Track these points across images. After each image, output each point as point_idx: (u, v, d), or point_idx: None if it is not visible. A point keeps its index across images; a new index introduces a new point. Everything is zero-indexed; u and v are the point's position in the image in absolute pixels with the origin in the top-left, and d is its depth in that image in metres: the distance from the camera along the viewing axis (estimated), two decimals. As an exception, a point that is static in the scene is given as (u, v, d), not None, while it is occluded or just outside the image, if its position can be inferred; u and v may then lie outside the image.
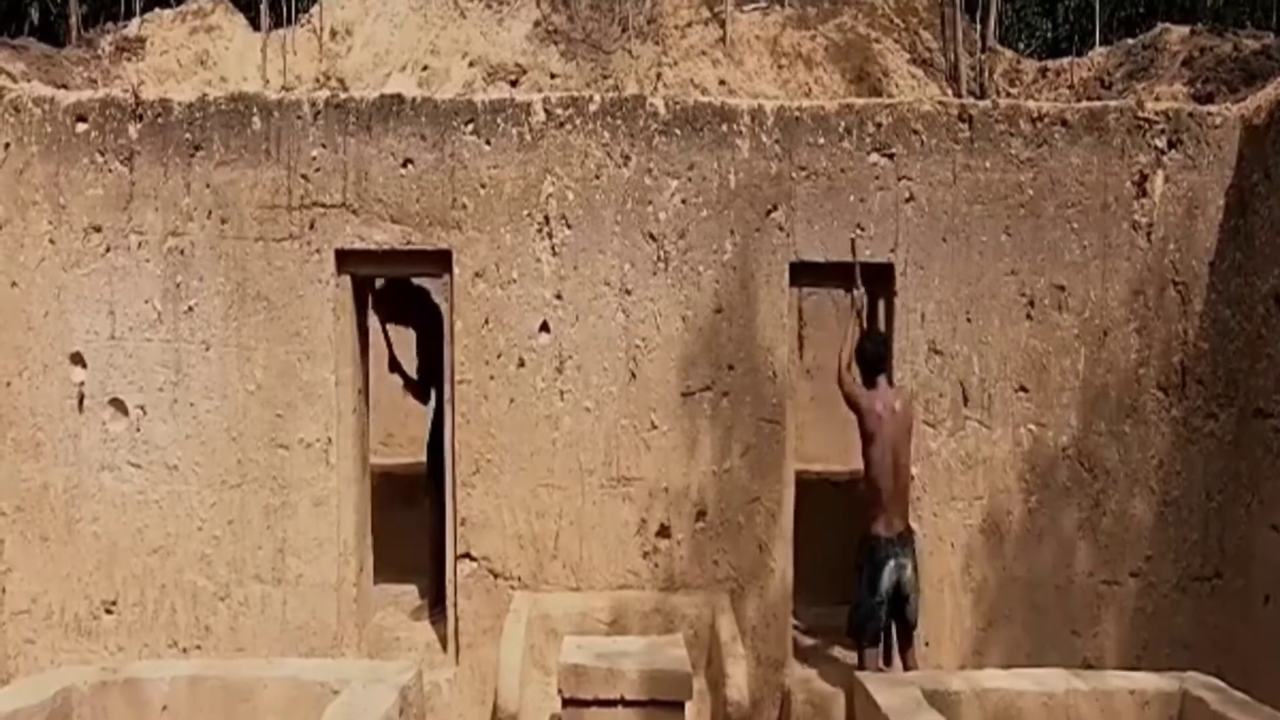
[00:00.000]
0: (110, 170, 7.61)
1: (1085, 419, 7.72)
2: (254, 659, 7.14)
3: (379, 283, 8.57)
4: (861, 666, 7.12)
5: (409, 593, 8.84)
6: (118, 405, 7.62)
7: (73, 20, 11.64)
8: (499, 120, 7.66)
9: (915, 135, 7.69)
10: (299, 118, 7.64)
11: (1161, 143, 7.72)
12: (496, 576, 7.69)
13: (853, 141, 7.69)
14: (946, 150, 7.70)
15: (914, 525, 7.43)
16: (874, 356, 7.39)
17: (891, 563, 7.11)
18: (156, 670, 5.92)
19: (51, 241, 7.61)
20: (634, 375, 7.68)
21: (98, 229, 7.61)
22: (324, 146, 7.62)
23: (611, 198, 7.67)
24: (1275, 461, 7.25)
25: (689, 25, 11.43)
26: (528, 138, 7.65)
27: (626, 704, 6.31)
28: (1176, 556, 7.76)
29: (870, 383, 7.37)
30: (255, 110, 7.65)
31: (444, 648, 7.88)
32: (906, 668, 7.22)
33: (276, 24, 11.53)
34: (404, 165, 7.63)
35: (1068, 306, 7.72)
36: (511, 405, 7.67)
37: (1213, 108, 8.02)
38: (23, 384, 7.61)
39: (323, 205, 7.62)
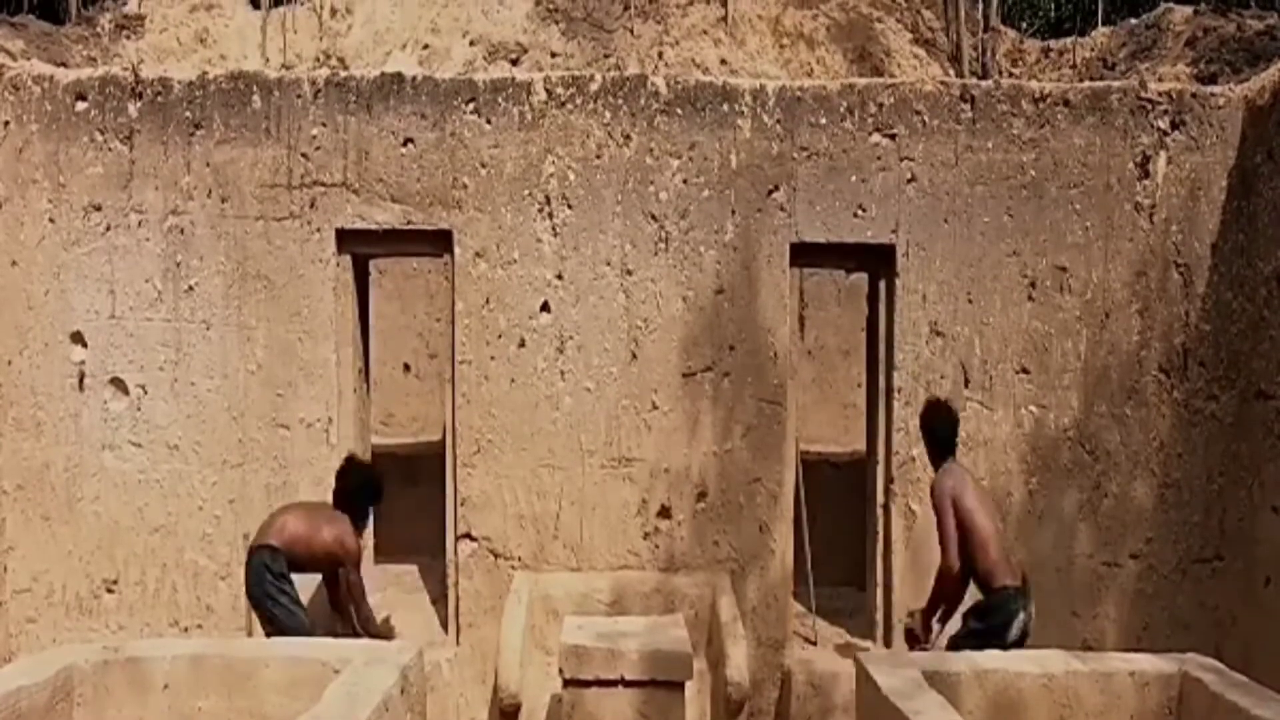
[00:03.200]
0: (110, 149, 7.59)
1: (1086, 401, 7.72)
2: (255, 638, 7.15)
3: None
4: None
5: (410, 573, 8.85)
6: (118, 384, 7.62)
7: (72, -2, 11.62)
8: (500, 99, 7.63)
9: (917, 116, 7.67)
10: (299, 96, 7.61)
11: (1164, 123, 7.71)
12: (497, 556, 7.69)
13: (854, 122, 7.67)
14: (949, 131, 7.68)
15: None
16: (945, 437, 6.99)
17: (1022, 615, 6.60)
18: (158, 649, 5.93)
19: (51, 220, 7.59)
20: (635, 356, 7.68)
21: (98, 208, 7.59)
22: (324, 125, 7.60)
23: (613, 178, 7.65)
24: (1276, 443, 7.24)
25: (690, 4, 11.40)
26: (529, 117, 7.63)
27: (627, 684, 6.31)
28: (1177, 538, 7.76)
29: (942, 462, 6.96)
30: (255, 89, 7.63)
31: (445, 628, 7.89)
32: None
33: (277, 2, 11.50)
34: (404, 144, 7.61)
35: (1069, 288, 7.71)
36: (512, 385, 7.66)
37: (1216, 88, 8.00)
38: (23, 363, 7.59)
39: (323, 184, 7.61)
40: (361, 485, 7.32)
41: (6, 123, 7.58)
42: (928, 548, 7.62)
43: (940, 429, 7.00)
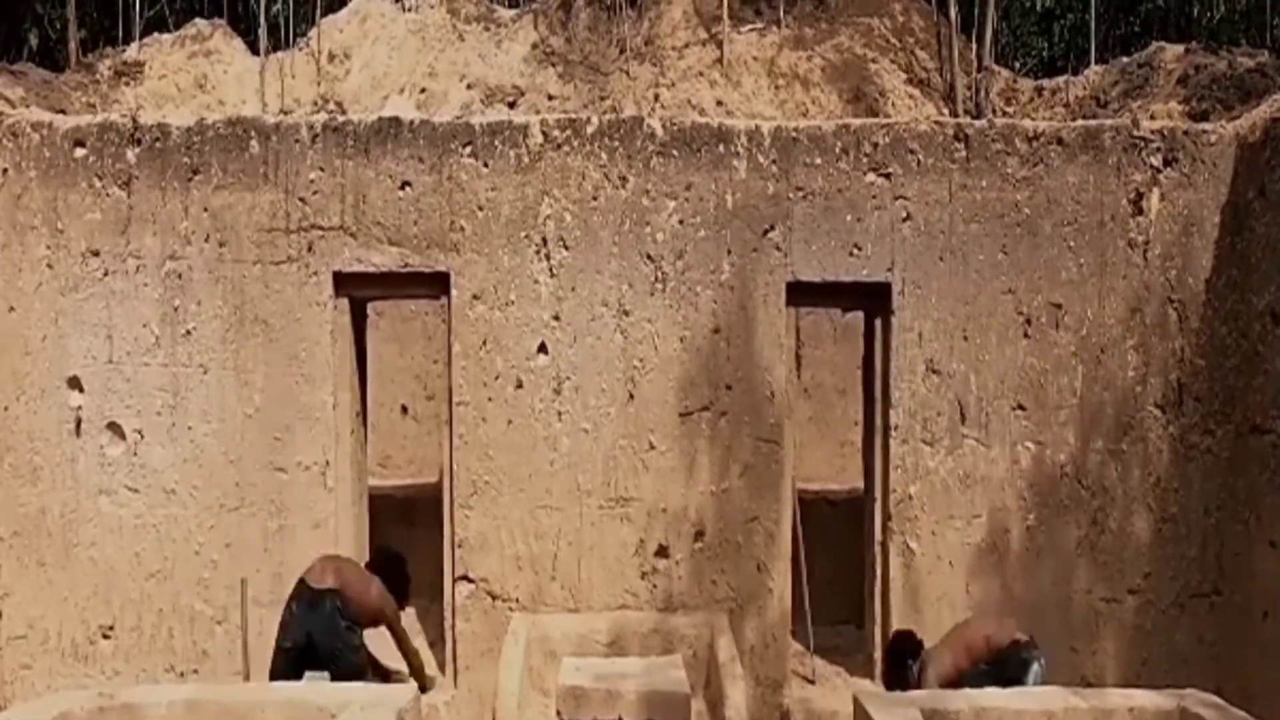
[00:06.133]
0: (108, 195, 7.64)
1: (1083, 437, 7.72)
2: (252, 683, 7.11)
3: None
4: None
5: (407, 615, 8.79)
6: (115, 429, 7.63)
7: (72, 45, 11.69)
8: (497, 142, 7.68)
9: (912, 155, 7.71)
10: (297, 141, 7.66)
11: (1157, 161, 7.74)
12: (495, 598, 7.68)
13: (850, 161, 7.71)
14: (943, 170, 7.72)
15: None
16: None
17: (1036, 666, 6.69)
18: (154, 695, 5.88)
19: (49, 266, 7.63)
20: (632, 396, 7.69)
21: (96, 253, 7.63)
22: (322, 169, 7.65)
23: (609, 219, 7.68)
24: (1273, 477, 7.25)
25: (686, 46, 11.46)
26: (525, 159, 7.67)
27: (625, 725, 6.31)
28: (1175, 573, 7.74)
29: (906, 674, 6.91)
30: (253, 134, 7.68)
31: (442, 670, 7.86)
32: None
33: (275, 47, 11.56)
34: (402, 188, 7.65)
35: (1065, 325, 7.72)
36: (510, 427, 7.67)
37: (1208, 125, 8.04)
38: (20, 408, 7.61)
39: (321, 228, 7.64)
40: (398, 585, 7.34)
41: (5, 169, 7.63)
42: (926, 585, 7.64)
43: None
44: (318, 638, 6.87)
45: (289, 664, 6.91)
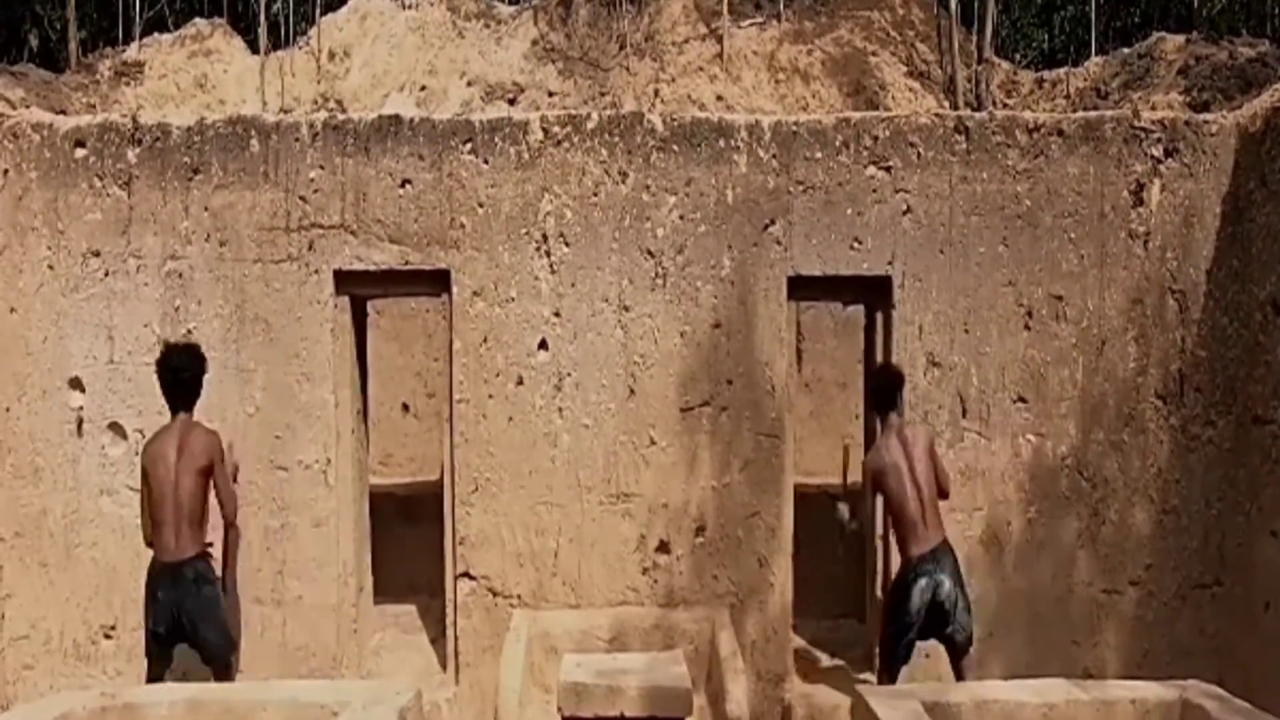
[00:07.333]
0: (109, 195, 7.64)
1: (1084, 429, 7.72)
2: (253, 681, 7.11)
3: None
4: None
5: (409, 613, 8.83)
6: (116, 429, 7.63)
7: (72, 45, 11.71)
8: (497, 139, 7.68)
9: (912, 148, 7.70)
10: (297, 140, 7.66)
11: (1158, 151, 7.72)
12: (496, 595, 7.68)
13: (850, 155, 7.70)
14: (944, 162, 7.70)
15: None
16: (879, 387, 7.33)
17: (922, 581, 6.87)
18: (155, 695, 5.89)
19: (50, 267, 7.63)
20: (632, 391, 7.69)
21: (96, 254, 7.64)
22: (322, 168, 7.65)
23: (609, 215, 7.68)
24: (1274, 468, 7.23)
25: (686, 41, 11.47)
26: (526, 156, 7.67)
27: (627, 721, 6.30)
28: (1176, 565, 7.73)
29: (881, 419, 7.27)
30: (253, 133, 7.68)
31: (443, 667, 7.88)
32: None
33: (275, 46, 11.59)
34: (402, 185, 7.65)
35: (1066, 316, 7.71)
36: (510, 423, 7.67)
37: (1208, 116, 8.03)
38: (21, 409, 7.62)
39: (321, 226, 7.64)
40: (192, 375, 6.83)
41: (6, 170, 7.63)
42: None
43: (874, 386, 7.44)
44: (188, 607, 6.65)
45: (160, 646, 6.69)
